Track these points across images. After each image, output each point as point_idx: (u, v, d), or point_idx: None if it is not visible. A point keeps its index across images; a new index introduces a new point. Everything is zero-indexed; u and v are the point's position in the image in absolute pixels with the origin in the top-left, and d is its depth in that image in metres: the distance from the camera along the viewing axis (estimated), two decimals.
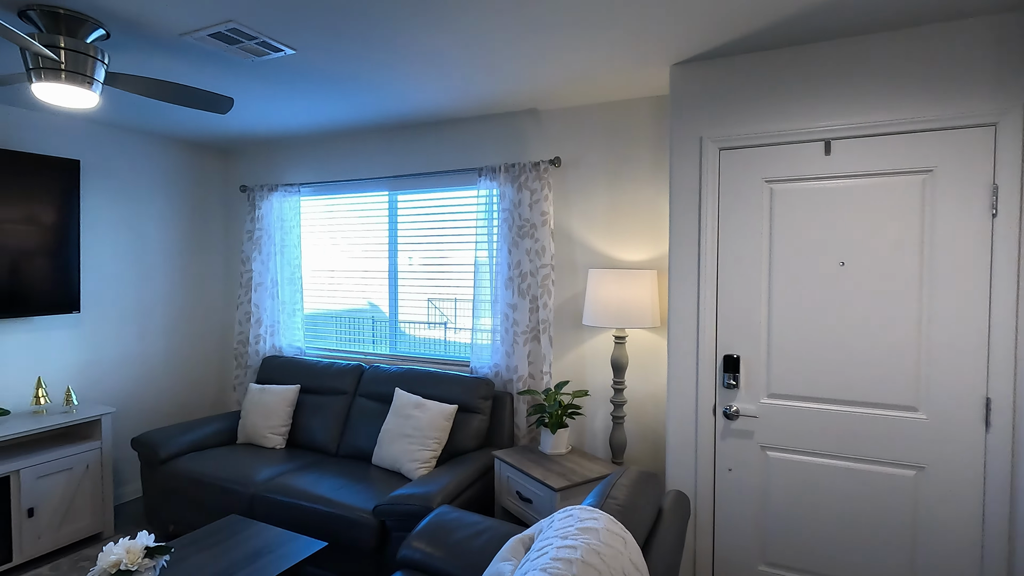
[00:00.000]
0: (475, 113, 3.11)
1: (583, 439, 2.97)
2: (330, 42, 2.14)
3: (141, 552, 1.72)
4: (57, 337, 3.20)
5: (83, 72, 1.96)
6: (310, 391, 3.43)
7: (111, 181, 3.44)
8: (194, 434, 3.22)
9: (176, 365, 3.84)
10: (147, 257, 3.66)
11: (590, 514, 1.29)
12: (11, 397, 3.02)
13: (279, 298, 3.82)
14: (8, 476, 2.70)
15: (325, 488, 2.63)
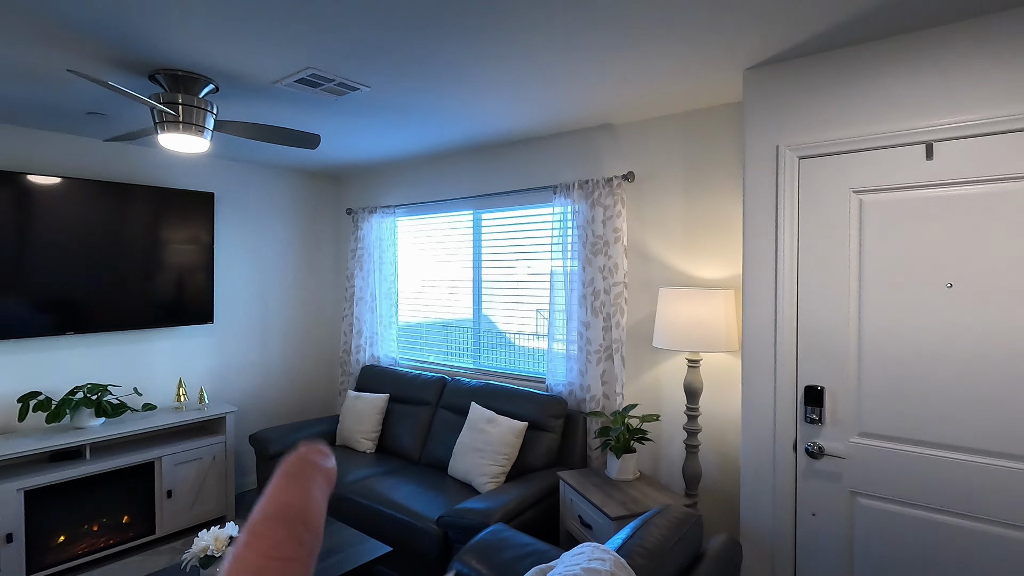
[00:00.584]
0: (550, 132, 3.13)
1: (658, 466, 2.83)
2: (399, 79, 2.29)
3: (226, 541, 1.96)
4: (195, 344, 3.75)
5: (197, 123, 2.30)
6: (399, 400, 3.65)
7: (238, 209, 3.97)
8: (300, 434, 3.58)
9: (290, 371, 4.30)
10: (267, 275, 4.15)
11: (601, 554, 1.24)
12: (158, 394, 3.58)
13: (377, 311, 4.13)
14: (153, 461, 3.21)
15: (401, 495, 2.79)
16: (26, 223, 2.95)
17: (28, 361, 3.07)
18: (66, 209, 3.08)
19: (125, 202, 3.29)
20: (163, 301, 3.47)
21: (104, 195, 3.21)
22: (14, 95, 2.51)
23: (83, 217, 3.14)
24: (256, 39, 1.92)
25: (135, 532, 3.14)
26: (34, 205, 2.97)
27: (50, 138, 3.13)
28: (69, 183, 3.08)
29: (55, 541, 2.87)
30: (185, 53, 2.03)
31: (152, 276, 3.41)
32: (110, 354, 3.36)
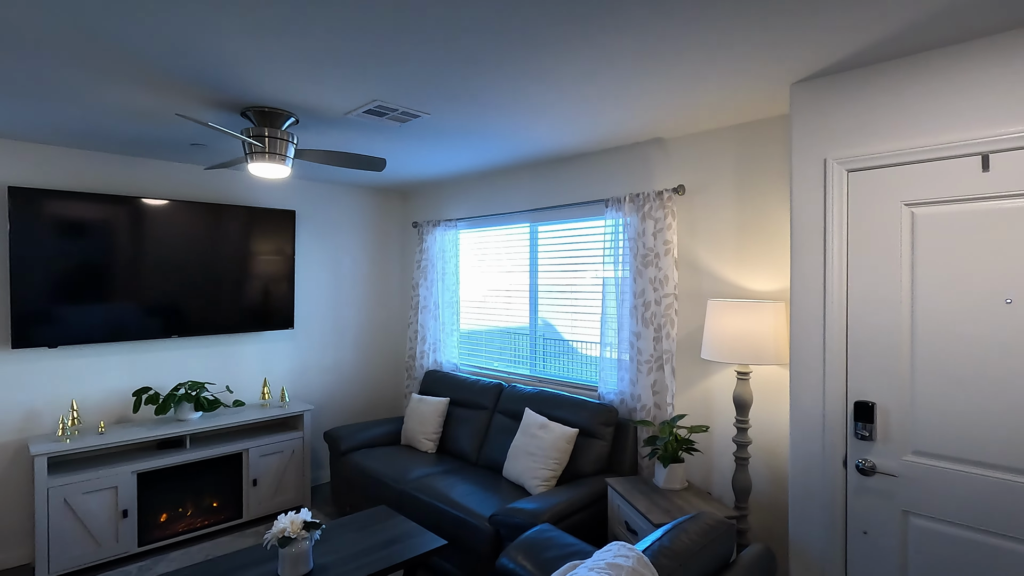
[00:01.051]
0: (602, 147, 3.22)
1: (709, 478, 2.84)
2: (456, 106, 2.48)
3: (300, 525, 2.20)
4: (278, 348, 4.13)
5: (280, 152, 2.59)
6: (458, 404, 3.84)
7: (316, 224, 4.33)
8: (369, 433, 3.85)
9: (361, 373, 4.62)
10: (341, 284, 4.49)
11: (626, 552, 1.33)
12: (246, 392, 3.98)
13: (440, 319, 4.36)
14: (242, 452, 3.58)
15: (458, 493, 2.96)
16: (140, 240, 3.40)
17: (140, 360, 3.52)
18: (172, 228, 3.52)
19: (220, 220, 3.71)
20: (251, 308, 3.86)
21: (202, 215, 3.63)
22: (133, 131, 2.93)
23: (185, 234, 3.57)
24: (330, 78, 2.17)
25: (225, 515, 3.52)
26: (147, 225, 3.42)
27: (160, 166, 3.59)
28: (175, 205, 3.52)
29: (160, 519, 3.28)
30: (271, 93, 2.32)
31: (242, 286, 3.81)
32: (207, 355, 3.79)
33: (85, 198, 3.20)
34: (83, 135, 2.99)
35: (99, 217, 3.25)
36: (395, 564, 2.29)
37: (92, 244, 3.23)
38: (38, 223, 3.06)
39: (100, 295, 3.26)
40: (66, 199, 3.14)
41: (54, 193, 3.10)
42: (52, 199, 3.10)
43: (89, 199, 3.21)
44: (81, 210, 3.19)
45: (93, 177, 3.34)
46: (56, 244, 3.11)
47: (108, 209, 3.27)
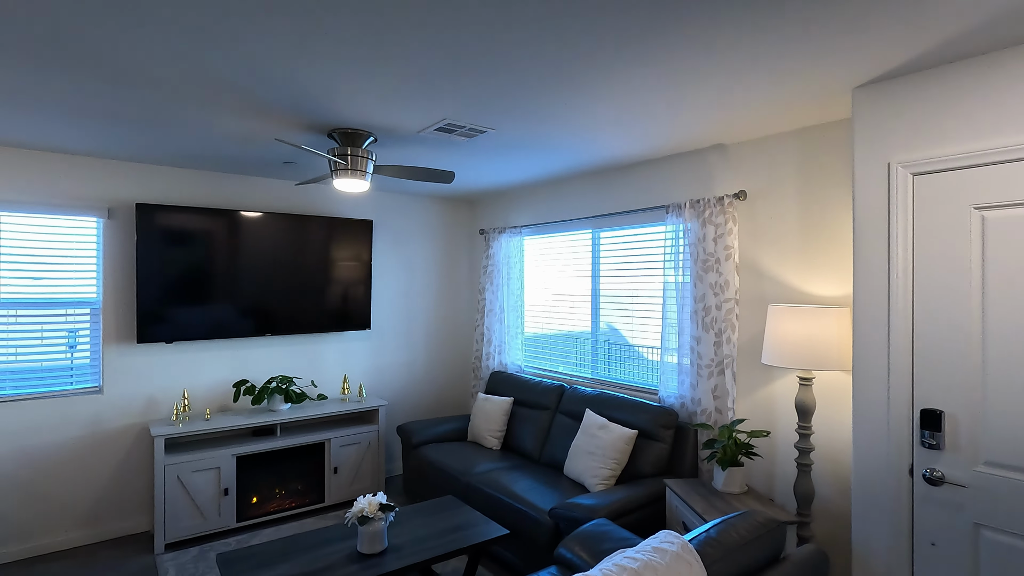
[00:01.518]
0: (662, 154, 3.28)
1: (771, 483, 2.82)
2: (519, 121, 2.65)
3: (377, 506, 2.42)
4: (356, 347, 4.46)
5: (361, 169, 2.86)
6: (522, 404, 4.00)
7: (391, 232, 4.64)
8: (438, 428, 4.09)
9: (431, 372, 4.88)
10: (413, 288, 4.78)
11: (672, 539, 1.42)
12: (328, 387, 4.33)
13: (505, 322, 4.54)
14: (324, 442, 3.91)
15: (520, 487, 3.11)
16: (239, 249, 3.82)
17: (239, 355, 3.94)
18: (265, 238, 3.91)
19: (306, 230, 4.07)
20: (332, 310, 4.21)
21: (291, 225, 4.01)
22: (236, 153, 3.31)
23: (276, 243, 3.96)
24: (404, 101, 2.39)
25: (310, 499, 3.85)
26: (244, 235, 3.83)
27: (257, 182, 4.01)
28: (268, 216, 3.91)
29: (254, 499, 3.65)
30: (353, 115, 2.58)
31: (324, 290, 4.17)
32: (294, 352, 4.17)
33: (195, 212, 3.64)
34: (194, 157, 3.42)
35: (206, 228, 3.68)
36: (461, 548, 2.47)
37: (200, 252, 3.66)
38: (157, 235, 3.52)
39: (206, 298, 3.69)
40: (179, 213, 3.59)
41: (170, 208, 3.56)
42: (169, 213, 3.55)
43: (198, 212, 3.65)
44: (192, 222, 3.63)
45: (202, 193, 3.79)
46: (171, 253, 3.57)
47: (213, 221, 3.70)
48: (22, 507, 3.22)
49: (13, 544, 3.20)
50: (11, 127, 2.78)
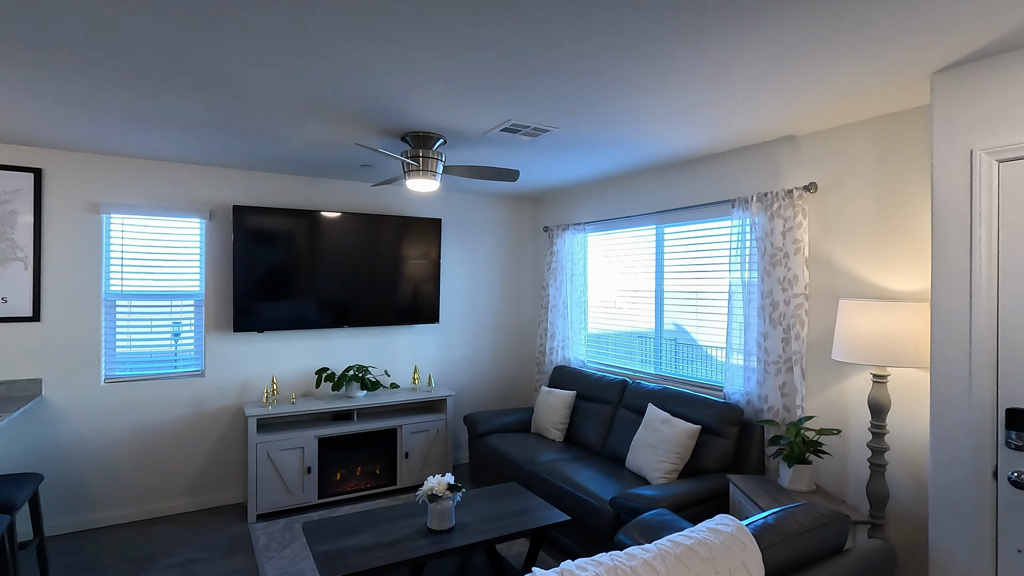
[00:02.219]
0: (728, 148, 3.24)
1: (843, 484, 2.73)
2: (582, 119, 2.72)
3: (446, 485, 2.58)
4: (426, 339, 4.69)
5: (431, 169, 3.04)
6: (584, 398, 4.06)
7: (458, 230, 4.83)
8: (502, 419, 4.23)
9: (496, 365, 5.03)
10: (479, 284, 4.95)
11: (728, 521, 1.46)
12: (400, 377, 4.58)
13: (568, 318, 4.61)
14: (396, 428, 4.14)
15: (582, 477, 3.18)
16: (320, 246, 4.12)
17: (320, 345, 4.25)
18: (343, 236, 4.20)
19: (379, 229, 4.33)
20: (404, 304, 4.45)
21: (366, 224, 4.28)
22: (317, 157, 3.59)
23: (353, 241, 4.24)
24: (471, 104, 2.53)
25: (383, 481, 4.10)
26: (324, 234, 4.13)
27: (335, 184, 4.30)
28: (345, 216, 4.19)
29: (333, 479, 3.94)
30: (424, 119, 2.75)
31: (397, 285, 4.41)
32: (369, 343, 4.44)
33: (282, 212, 3.97)
34: (282, 162, 3.73)
35: (291, 228, 4.00)
36: (524, 530, 2.58)
37: (286, 250, 3.99)
38: (250, 234, 3.87)
39: (291, 291, 4.01)
40: (269, 213, 3.93)
41: (261, 209, 3.90)
42: (260, 214, 3.90)
43: (285, 213, 3.98)
44: (279, 222, 3.96)
45: (289, 195, 4.13)
46: (262, 250, 3.91)
47: (298, 221, 4.02)
48: (139, 475, 3.65)
49: (133, 507, 3.64)
50: (131, 140, 3.17)
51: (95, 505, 3.53)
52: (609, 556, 1.34)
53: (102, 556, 3.15)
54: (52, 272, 3.43)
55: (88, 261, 3.51)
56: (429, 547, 2.39)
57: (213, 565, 3.06)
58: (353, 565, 2.23)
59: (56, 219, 3.44)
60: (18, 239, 3.34)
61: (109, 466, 3.57)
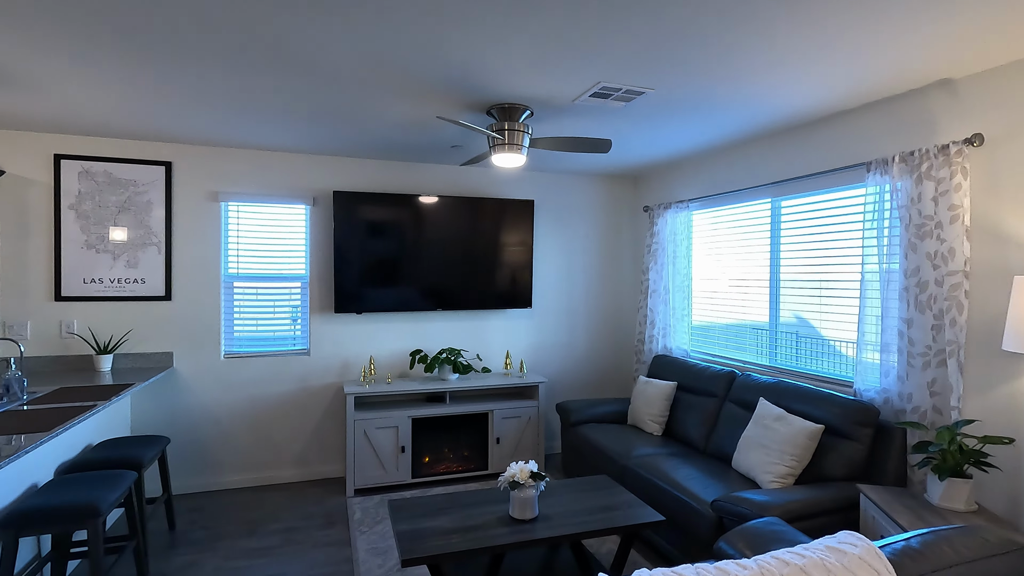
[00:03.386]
0: (863, 102, 2.75)
1: (1016, 506, 2.21)
2: (681, 77, 2.43)
3: (528, 473, 2.45)
4: (518, 324, 4.59)
5: (517, 143, 2.90)
6: (686, 389, 3.73)
7: (551, 212, 4.67)
8: (596, 409, 4.02)
9: (591, 353, 4.82)
10: (574, 268, 4.75)
11: (855, 540, 1.17)
12: (492, 361, 4.53)
13: (670, 304, 4.27)
14: (487, 412, 4.10)
15: (681, 475, 2.90)
16: (414, 230, 4.16)
17: (414, 328, 4.31)
18: (436, 219, 4.21)
19: (472, 211, 4.29)
20: (496, 288, 4.38)
21: (459, 207, 4.25)
22: (405, 139, 3.59)
23: (446, 224, 4.23)
24: (557, 67, 2.34)
25: (475, 466, 4.08)
26: (418, 217, 4.16)
27: (428, 168, 4.32)
28: (438, 199, 4.19)
29: (428, 458, 3.97)
30: (509, 88, 2.61)
31: (489, 268, 4.35)
32: (462, 327, 4.43)
33: (378, 197, 4.05)
34: (376, 148, 3.80)
35: (387, 212, 4.08)
36: (612, 528, 2.37)
37: (382, 234, 4.07)
38: (349, 219, 4.00)
39: (387, 274, 4.09)
40: (366, 198, 4.03)
41: (359, 194, 4.01)
42: (358, 199, 4.01)
43: (381, 198, 4.06)
44: (376, 207, 4.05)
45: (384, 181, 4.21)
46: (360, 234, 4.02)
47: (393, 205, 4.09)
48: (253, 445, 3.93)
49: (247, 472, 3.93)
50: (243, 131, 3.37)
51: (217, 469, 3.86)
52: (701, 568, 1.12)
53: (219, 516, 3.42)
54: (180, 256, 3.77)
55: (210, 245, 3.82)
56: (509, 536, 2.28)
57: (311, 534, 3.20)
58: (431, 547, 2.18)
59: (183, 207, 3.77)
60: (153, 226, 3.70)
61: (228, 434, 3.88)
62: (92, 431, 3.13)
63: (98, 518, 2.19)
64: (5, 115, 3.13)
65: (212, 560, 2.89)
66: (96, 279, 3.59)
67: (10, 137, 3.43)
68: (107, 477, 2.47)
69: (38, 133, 3.47)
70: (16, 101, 2.85)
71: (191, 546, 3.04)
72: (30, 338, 3.49)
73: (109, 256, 3.62)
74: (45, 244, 3.51)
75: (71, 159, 3.54)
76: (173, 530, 3.23)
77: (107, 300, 3.62)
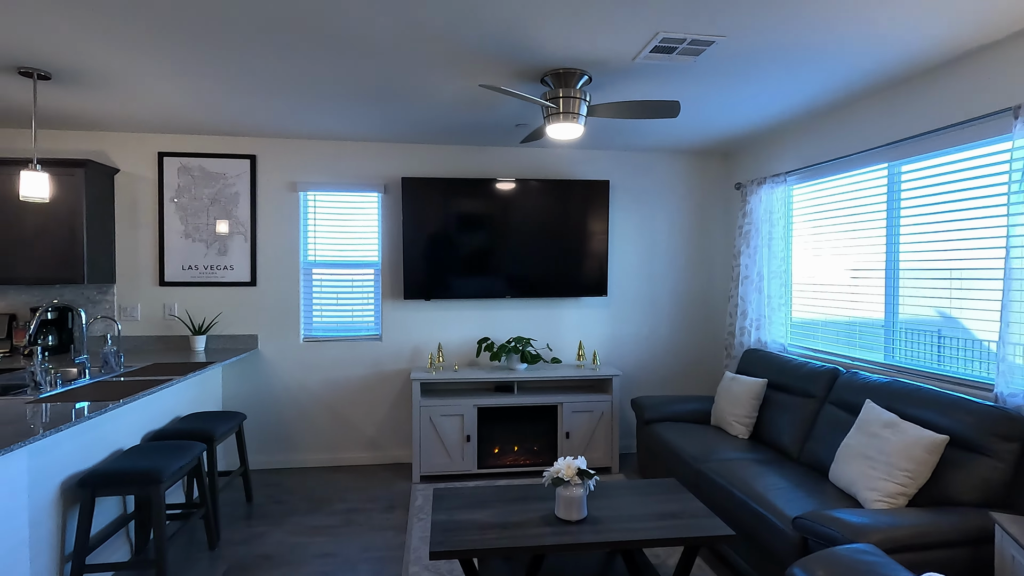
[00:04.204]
0: (1005, 30, 2.18)
1: None
2: (756, 18, 2.06)
3: (575, 470, 2.22)
4: (592, 314, 4.32)
5: (573, 111, 2.67)
6: (778, 388, 3.27)
7: (628, 193, 4.34)
8: (676, 407, 3.66)
9: (673, 346, 4.42)
10: (654, 253, 4.38)
11: None
12: (562, 352, 4.31)
13: (764, 292, 3.79)
14: (556, 405, 3.89)
15: (763, 485, 2.51)
16: (480, 215, 4.05)
17: (482, 315, 4.21)
18: (504, 202, 4.07)
19: (542, 193, 4.09)
20: (568, 275, 4.15)
21: (527, 190, 4.08)
22: (468, 121, 3.48)
23: (514, 207, 4.08)
24: (608, 15, 2.09)
25: (543, 460, 3.89)
26: (486, 200, 4.05)
27: (494, 152, 4.20)
28: (505, 183, 4.05)
29: (492, 450, 3.86)
30: (563, 50, 2.39)
31: (560, 254, 4.13)
32: (531, 315, 4.26)
33: (446, 182, 4.00)
34: (441, 132, 3.74)
35: (453, 197, 4.01)
36: (670, 539, 2.08)
37: (450, 219, 4.02)
38: (418, 205, 3.98)
39: (455, 260, 4.03)
40: (434, 184, 3.99)
41: (427, 180, 3.98)
42: (426, 184, 3.98)
43: (448, 183, 4.00)
44: (442, 192, 4.00)
45: (451, 166, 4.16)
46: (427, 220, 4.00)
47: (459, 191, 4.01)
48: (329, 426, 4.07)
49: (324, 452, 4.07)
50: (313, 120, 3.46)
51: (295, 447, 4.04)
52: None
53: (292, 492, 3.56)
54: (264, 244, 3.98)
55: (290, 234, 4.00)
56: (550, 537, 2.08)
57: (371, 516, 3.21)
58: (464, 542, 2.04)
59: (266, 198, 3.98)
60: (240, 216, 3.94)
61: (306, 415, 4.05)
62: (184, 403, 3.39)
63: (159, 484, 2.31)
64: (118, 118, 3.47)
65: (277, 534, 2.99)
66: (192, 266, 3.90)
67: (122, 139, 3.81)
68: (177, 447, 2.62)
69: (144, 134, 3.83)
70: (125, 104, 3.14)
71: (262, 519, 3.18)
72: (140, 319, 3.87)
73: (203, 245, 3.91)
74: (151, 234, 3.86)
75: (172, 156, 3.86)
76: (250, 502, 3.40)
77: (201, 285, 3.91)
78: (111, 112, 3.33)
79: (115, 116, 3.43)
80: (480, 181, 4.03)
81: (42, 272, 3.45)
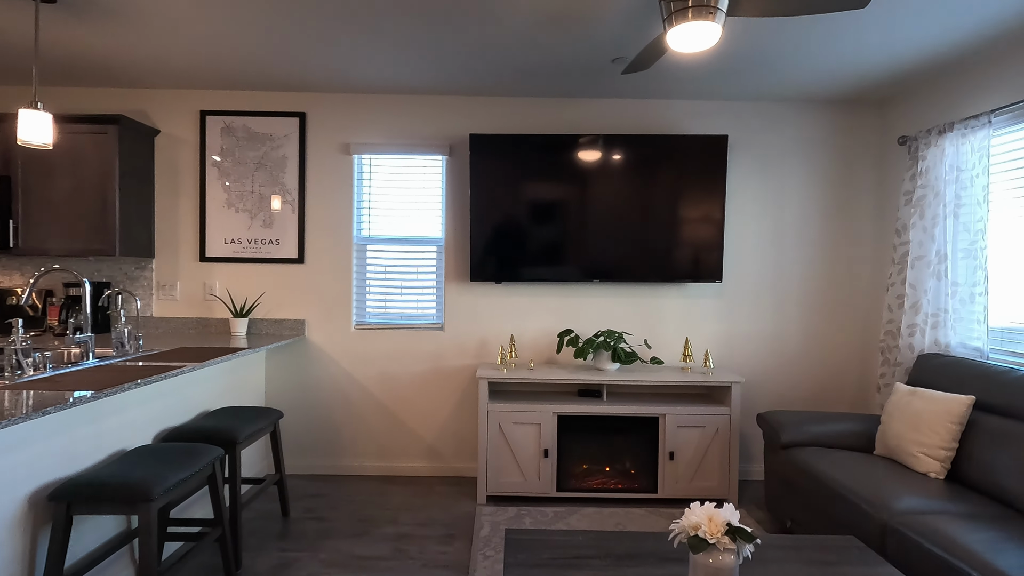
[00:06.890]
0: None
1: None
2: None
3: (724, 527, 1.45)
4: (702, 304, 3.48)
5: (710, 4, 1.88)
6: (991, 409, 2.31)
7: (750, 154, 3.45)
8: (823, 427, 2.77)
9: (811, 348, 3.48)
10: (783, 230, 3.47)
11: None
12: (664, 351, 3.49)
13: (947, 277, 2.81)
14: (657, 417, 3.09)
15: (1004, 559, 1.61)
16: (561, 181, 3.31)
17: (564, 302, 3.47)
18: (592, 166, 3.30)
19: (640, 152, 3.30)
20: (672, 256, 3.33)
21: (622, 149, 3.29)
22: (550, 56, 2.75)
23: (605, 172, 3.31)
24: None
25: (639, 485, 3.11)
26: (568, 165, 3.30)
27: (581, 104, 3.44)
28: (596, 139, 3.29)
29: (576, 469, 3.11)
30: None
31: (663, 228, 3.32)
32: (625, 304, 3.48)
33: (521, 140, 3.29)
34: (516, 76, 3.03)
35: (530, 158, 3.30)
36: None
37: (526, 184, 3.31)
38: (488, 167, 3.30)
39: (532, 235, 3.32)
40: (507, 142, 3.30)
41: (499, 137, 3.30)
42: (498, 143, 3.30)
43: (523, 140, 3.29)
44: (517, 153, 3.30)
45: (527, 121, 3.45)
46: (500, 186, 3.31)
47: (538, 150, 3.30)
48: (382, 428, 3.48)
49: (374, 459, 3.48)
50: (365, 65, 2.86)
51: (344, 451, 3.48)
52: None
53: (335, 507, 2.98)
54: (313, 215, 3.45)
55: (342, 204, 3.45)
56: None
57: (425, 547, 2.56)
58: None
59: (316, 162, 3.45)
60: (287, 182, 3.44)
61: (357, 414, 3.48)
62: (215, 396, 2.89)
63: (149, 502, 1.75)
64: (156, 71, 3.06)
65: (310, 565, 2.39)
66: (235, 239, 3.43)
67: (162, 96, 3.40)
68: (186, 452, 2.08)
69: (186, 90, 3.40)
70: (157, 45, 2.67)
71: (296, 540, 2.60)
72: (180, 299, 3.44)
73: (247, 215, 3.43)
74: (192, 203, 3.43)
75: (215, 115, 3.41)
76: (286, 517, 2.85)
77: (244, 262, 3.44)
78: (145, 57, 2.88)
79: (150, 67, 2.99)
80: (564, 138, 3.29)
81: (72, 243, 3.08)
